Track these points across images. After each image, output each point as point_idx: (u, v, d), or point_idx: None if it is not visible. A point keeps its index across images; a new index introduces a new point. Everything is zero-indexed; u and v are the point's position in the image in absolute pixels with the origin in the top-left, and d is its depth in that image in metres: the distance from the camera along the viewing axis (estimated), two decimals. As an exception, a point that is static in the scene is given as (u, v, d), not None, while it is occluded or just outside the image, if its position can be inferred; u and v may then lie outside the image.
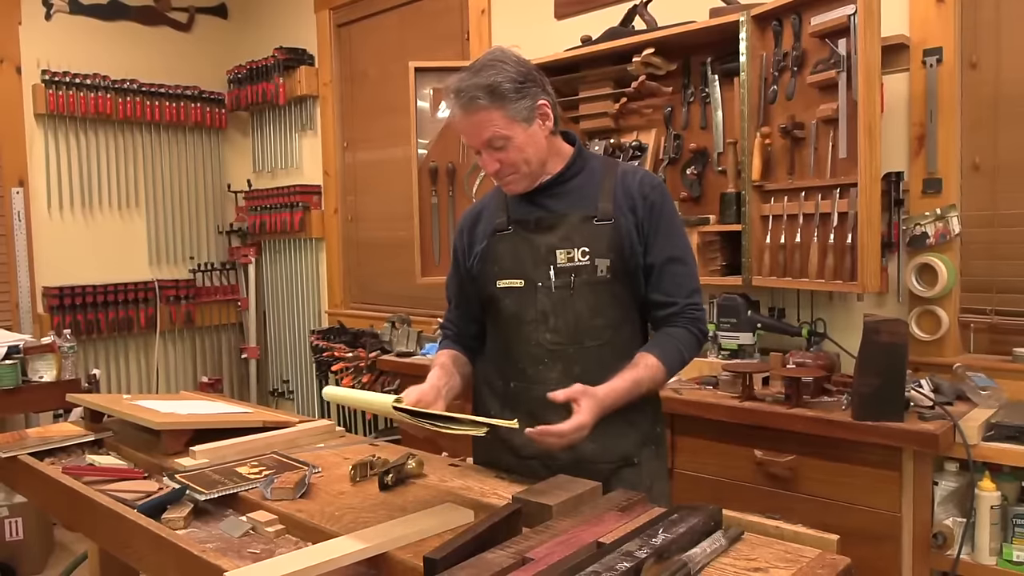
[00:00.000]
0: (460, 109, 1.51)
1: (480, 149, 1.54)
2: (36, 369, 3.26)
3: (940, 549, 1.89)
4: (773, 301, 2.58)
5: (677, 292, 1.57)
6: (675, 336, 1.56)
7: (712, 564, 1.11)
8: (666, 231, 1.58)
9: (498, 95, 1.48)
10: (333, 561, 1.13)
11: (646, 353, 1.53)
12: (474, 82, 1.49)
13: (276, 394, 4.68)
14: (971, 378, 2.08)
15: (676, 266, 1.58)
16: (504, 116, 1.49)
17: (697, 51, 2.68)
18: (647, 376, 1.50)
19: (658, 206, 1.57)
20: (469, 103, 1.49)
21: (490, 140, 1.51)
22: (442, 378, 1.58)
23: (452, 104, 1.52)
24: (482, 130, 1.50)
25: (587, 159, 1.64)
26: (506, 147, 1.51)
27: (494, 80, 1.48)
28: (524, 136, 1.52)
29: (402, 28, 3.94)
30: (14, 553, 3.27)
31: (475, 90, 1.48)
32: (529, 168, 1.55)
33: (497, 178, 1.58)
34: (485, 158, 1.54)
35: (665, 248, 1.57)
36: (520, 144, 1.52)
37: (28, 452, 1.83)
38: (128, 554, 1.41)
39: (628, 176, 1.60)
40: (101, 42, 4.36)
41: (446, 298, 1.79)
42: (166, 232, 4.61)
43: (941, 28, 2.25)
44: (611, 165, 1.64)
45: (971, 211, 2.27)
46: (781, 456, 2.03)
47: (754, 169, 2.41)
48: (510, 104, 1.49)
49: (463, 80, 1.50)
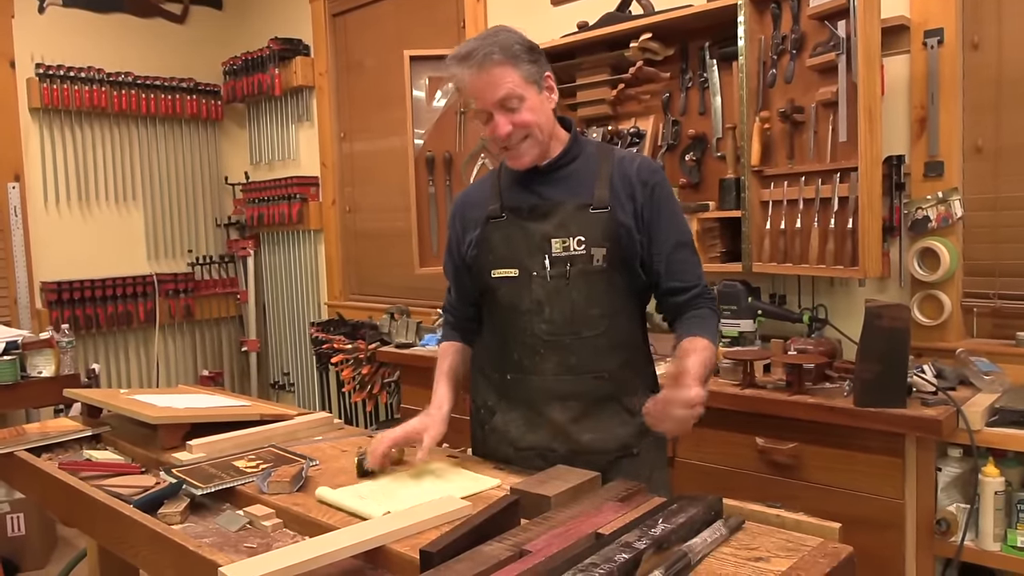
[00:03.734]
0: (474, 68, 1.46)
1: (493, 111, 1.48)
2: (35, 364, 3.25)
3: (944, 536, 1.88)
4: (774, 287, 2.56)
5: (692, 277, 1.57)
6: (704, 317, 1.54)
7: (713, 554, 1.10)
8: (669, 216, 1.56)
9: (512, 54, 1.47)
10: (330, 555, 1.12)
11: (697, 337, 1.47)
12: (487, 42, 1.47)
13: (277, 387, 4.68)
14: (974, 363, 2.06)
15: (686, 251, 1.57)
16: (519, 75, 1.47)
17: (695, 35, 2.66)
18: (709, 358, 1.45)
19: (659, 191, 1.55)
20: (484, 59, 1.45)
21: (505, 99, 1.47)
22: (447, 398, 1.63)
23: (462, 68, 1.48)
24: (497, 88, 1.46)
25: (583, 145, 1.61)
26: (520, 108, 1.48)
27: (507, 40, 1.48)
28: (536, 100, 1.50)
29: (398, 17, 3.91)
30: (16, 549, 3.27)
31: (490, 47, 1.46)
32: (541, 135, 1.52)
33: (508, 146, 1.51)
34: (498, 120, 1.48)
35: (672, 233, 1.55)
36: (533, 106, 1.49)
37: (25, 448, 1.83)
38: (125, 549, 1.41)
39: (625, 162, 1.58)
40: (95, 35, 4.33)
41: (445, 276, 1.78)
42: (164, 225, 4.59)
43: (942, 9, 2.22)
44: (607, 151, 1.61)
45: (973, 194, 2.25)
46: (783, 444, 2.02)
47: (753, 154, 2.39)
48: (523, 64, 1.48)
49: (473, 44, 1.48)
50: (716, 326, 1.57)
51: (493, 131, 1.50)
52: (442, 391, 1.64)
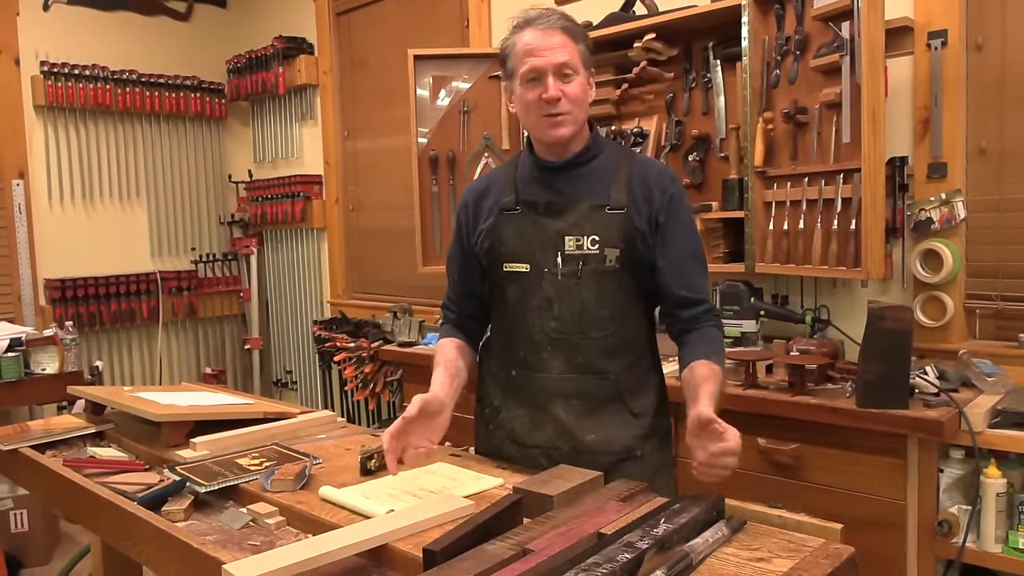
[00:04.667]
0: (543, 28, 1.48)
1: (549, 72, 1.47)
2: (39, 361, 3.27)
3: (945, 537, 1.88)
4: (776, 288, 2.56)
5: (701, 290, 1.57)
6: (716, 340, 1.55)
7: (714, 554, 1.11)
8: (685, 226, 1.56)
9: (578, 31, 1.52)
10: (333, 553, 1.12)
11: (709, 363, 1.47)
12: (556, 12, 1.51)
13: (280, 385, 4.69)
14: (976, 364, 2.06)
15: (698, 264, 1.58)
16: (577, 52, 1.50)
17: (699, 36, 2.66)
18: (723, 383, 1.48)
19: (677, 200, 1.55)
20: (555, 23, 1.49)
21: (563, 65, 1.48)
22: (447, 383, 1.55)
23: (526, 29, 1.50)
24: (559, 52, 1.48)
25: (604, 145, 1.61)
26: (571, 81, 1.49)
27: (573, 20, 1.53)
28: (584, 83, 1.52)
29: (401, 15, 3.92)
30: (20, 545, 3.28)
31: (561, 17, 1.50)
32: (579, 115, 1.53)
33: (553, 111, 1.49)
34: (551, 82, 1.47)
35: (686, 243, 1.56)
36: (581, 85, 1.51)
37: (29, 444, 1.83)
38: (129, 546, 1.41)
39: (647, 167, 1.58)
40: (99, 32, 4.34)
41: (447, 274, 1.75)
42: (167, 223, 4.60)
43: (946, 10, 2.22)
44: (628, 154, 1.62)
45: (977, 196, 2.25)
46: (785, 444, 2.02)
47: (756, 155, 2.39)
48: (582, 44, 1.52)
49: (541, 11, 1.51)
50: (723, 347, 1.57)
51: (543, 92, 1.49)
52: (437, 378, 1.56)
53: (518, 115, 1.58)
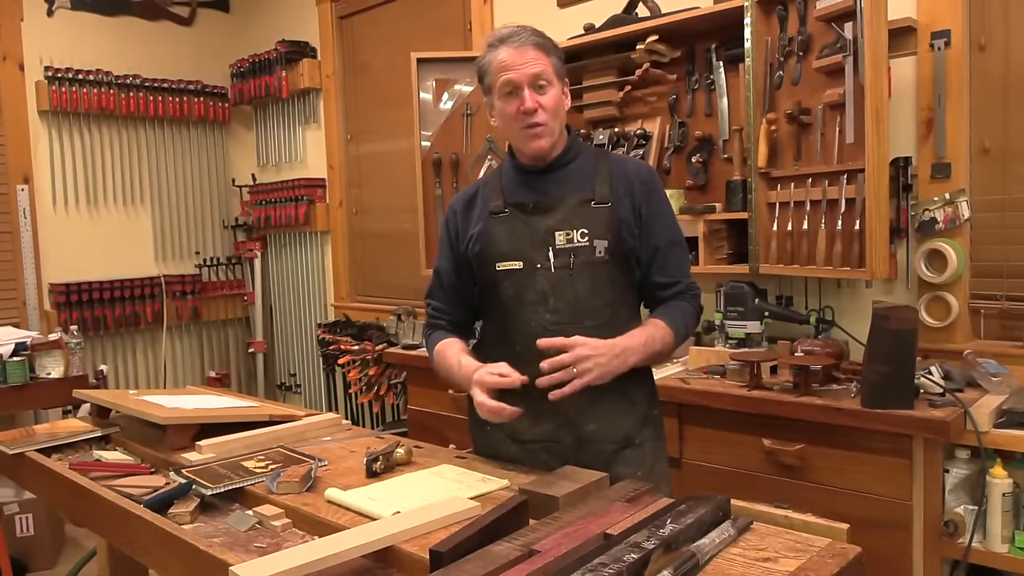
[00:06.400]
0: (515, 45, 1.54)
1: (524, 85, 1.54)
2: (44, 365, 3.27)
3: (951, 537, 1.87)
4: (780, 289, 2.56)
5: (679, 273, 1.65)
6: (679, 306, 1.63)
7: (721, 554, 1.11)
8: (665, 215, 1.65)
9: (549, 45, 1.58)
10: (340, 554, 1.12)
11: (653, 318, 1.59)
12: (527, 29, 1.57)
13: (284, 388, 4.69)
14: (982, 364, 2.06)
15: (678, 249, 1.67)
16: (550, 64, 1.57)
17: (701, 37, 2.66)
18: (659, 336, 1.55)
19: (655, 191, 1.64)
20: (527, 40, 1.55)
21: (537, 76, 1.54)
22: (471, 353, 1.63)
23: (500, 48, 1.56)
24: (533, 64, 1.54)
25: (581, 147, 1.69)
26: (546, 92, 1.56)
27: (543, 34, 1.59)
28: (558, 93, 1.59)
29: (404, 19, 3.92)
30: (25, 549, 3.29)
31: (531, 33, 1.57)
32: (555, 126, 1.59)
33: (530, 123, 1.56)
34: (527, 94, 1.54)
35: (667, 232, 1.64)
36: (556, 96, 1.57)
37: (35, 448, 1.84)
38: (135, 549, 1.41)
39: (626, 164, 1.68)
40: (103, 37, 4.35)
41: (432, 287, 1.78)
42: (171, 227, 4.61)
43: (949, 10, 2.22)
44: (603, 154, 1.72)
45: (981, 196, 2.25)
46: (790, 445, 2.02)
47: (760, 156, 2.39)
48: (554, 57, 1.58)
49: (513, 28, 1.57)
50: (685, 315, 1.63)
51: (521, 105, 1.55)
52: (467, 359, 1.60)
53: (500, 128, 1.65)
